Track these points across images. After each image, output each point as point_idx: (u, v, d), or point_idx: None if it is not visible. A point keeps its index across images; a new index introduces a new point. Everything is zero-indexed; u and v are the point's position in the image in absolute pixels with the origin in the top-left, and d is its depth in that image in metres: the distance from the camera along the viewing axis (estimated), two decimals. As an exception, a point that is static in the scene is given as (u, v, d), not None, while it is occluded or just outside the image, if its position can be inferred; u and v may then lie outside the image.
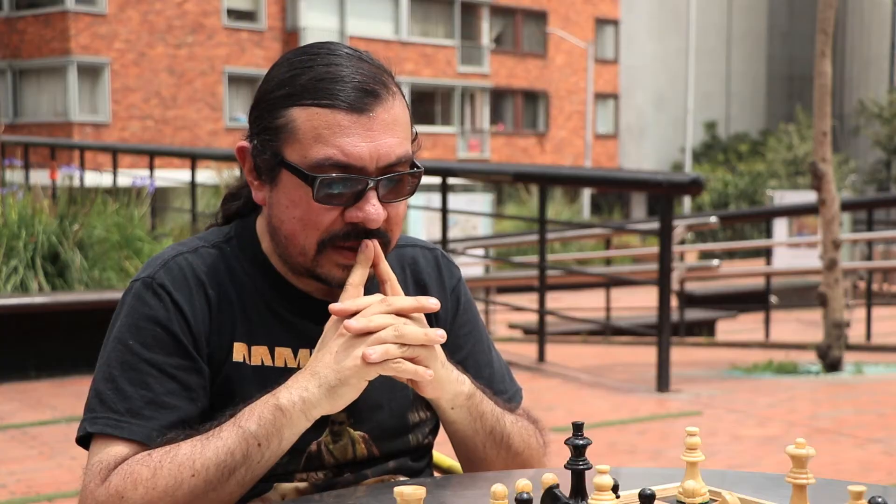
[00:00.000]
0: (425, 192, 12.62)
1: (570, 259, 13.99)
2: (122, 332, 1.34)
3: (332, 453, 1.39)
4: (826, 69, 6.63)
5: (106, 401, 1.31)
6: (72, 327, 6.22)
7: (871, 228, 10.60)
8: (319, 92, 1.30)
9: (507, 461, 1.45)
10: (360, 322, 1.26)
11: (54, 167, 10.05)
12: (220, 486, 1.24)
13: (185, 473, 1.23)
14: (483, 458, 1.45)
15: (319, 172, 1.29)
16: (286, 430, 1.25)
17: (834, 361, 6.66)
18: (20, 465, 4.25)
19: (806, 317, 11.90)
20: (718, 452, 4.43)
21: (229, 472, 1.24)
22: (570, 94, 37.22)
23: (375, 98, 1.31)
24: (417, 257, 1.53)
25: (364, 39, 30.04)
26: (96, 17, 26.43)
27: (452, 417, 1.40)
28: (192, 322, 1.34)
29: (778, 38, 45.54)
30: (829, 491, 1.20)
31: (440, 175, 7.89)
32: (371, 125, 1.30)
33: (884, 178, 37.22)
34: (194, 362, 1.34)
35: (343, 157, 1.29)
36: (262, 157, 1.34)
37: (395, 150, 1.32)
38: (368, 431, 1.41)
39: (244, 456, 1.24)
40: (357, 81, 1.31)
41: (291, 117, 1.31)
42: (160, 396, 1.31)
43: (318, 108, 1.30)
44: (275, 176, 1.34)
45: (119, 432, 1.29)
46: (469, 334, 1.53)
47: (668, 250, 5.97)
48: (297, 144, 1.30)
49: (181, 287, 1.36)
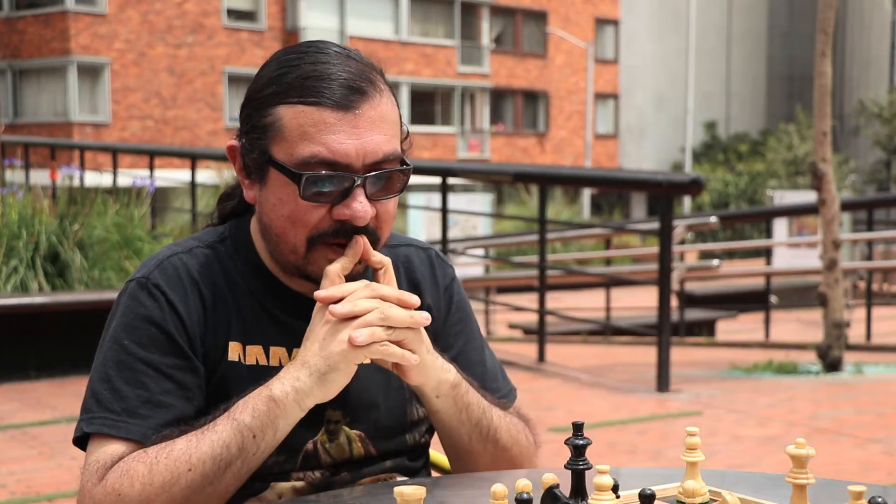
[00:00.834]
0: (425, 192, 12.62)
1: (570, 259, 13.99)
2: (118, 332, 1.35)
3: (329, 452, 1.39)
4: (826, 69, 6.63)
5: (102, 401, 1.31)
6: (72, 327, 6.22)
7: (871, 228, 10.60)
8: (306, 90, 1.30)
9: (495, 456, 1.45)
10: (345, 307, 1.26)
11: (54, 167, 10.05)
12: (217, 479, 1.25)
13: (181, 468, 1.24)
14: (469, 451, 1.44)
15: (306, 170, 1.29)
16: (280, 421, 1.26)
17: (834, 361, 6.66)
18: (20, 465, 4.25)
19: (806, 317, 11.89)
20: (718, 452, 4.43)
21: (225, 465, 1.24)
22: (570, 94, 37.22)
23: (362, 95, 1.31)
24: (411, 256, 1.53)
25: (364, 39, 30.04)
26: (96, 17, 26.43)
27: (437, 406, 1.39)
28: (188, 321, 1.35)
29: (778, 38, 45.54)
30: (829, 491, 1.20)
31: (440, 175, 7.89)
32: (357, 122, 1.30)
33: (884, 178, 37.23)
34: (189, 361, 1.34)
35: (329, 155, 1.29)
36: (251, 155, 1.35)
37: (382, 148, 1.32)
38: (365, 430, 1.41)
39: (240, 448, 1.25)
40: (343, 79, 1.31)
41: (278, 115, 1.31)
42: (156, 395, 1.31)
43: (304, 106, 1.30)
44: (263, 174, 1.34)
45: (116, 432, 1.29)
46: (460, 333, 1.53)
47: (668, 250, 5.97)
48: (284, 142, 1.31)
49: (176, 287, 1.36)
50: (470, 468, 1.47)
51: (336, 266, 1.31)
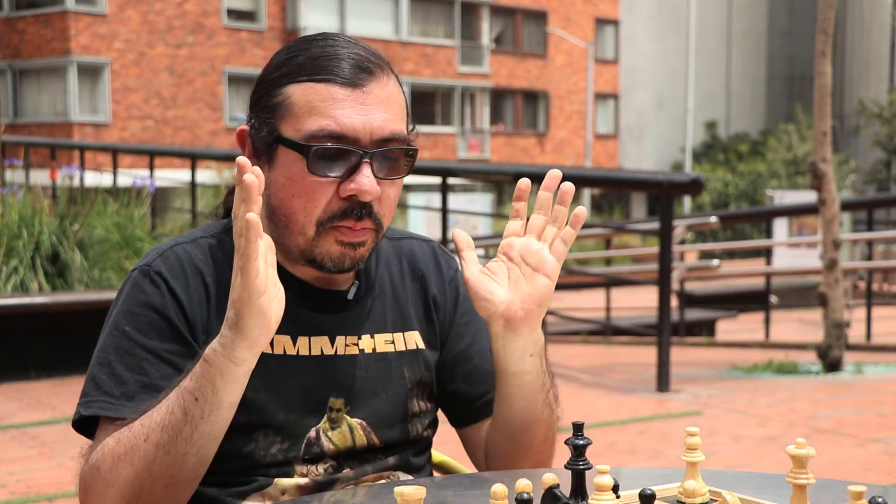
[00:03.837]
0: (425, 191, 12.63)
1: (571, 259, 13.98)
2: (119, 318, 1.35)
3: (332, 440, 1.39)
4: (826, 69, 6.63)
5: (101, 385, 1.32)
6: (72, 327, 6.22)
7: (871, 228, 10.59)
8: (315, 69, 1.33)
9: (550, 423, 1.45)
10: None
11: (54, 167, 10.05)
12: (170, 447, 1.23)
13: (139, 439, 1.25)
14: (537, 419, 1.43)
15: (314, 143, 1.31)
16: (217, 380, 1.21)
17: (834, 361, 6.66)
18: (20, 465, 4.25)
19: (806, 317, 11.90)
20: (718, 452, 4.43)
21: (174, 431, 1.23)
22: (570, 94, 37.21)
23: (370, 74, 1.34)
24: (414, 249, 1.55)
25: (364, 39, 29.67)
26: (96, 17, 26.42)
27: (527, 367, 1.38)
28: (188, 309, 1.35)
29: (778, 38, 45.53)
30: (829, 491, 1.20)
31: (440, 175, 7.89)
32: (365, 99, 1.32)
33: (884, 178, 37.22)
34: (190, 347, 1.34)
35: (337, 128, 1.31)
36: (260, 135, 1.36)
37: (389, 126, 1.33)
38: (365, 418, 1.41)
39: (184, 412, 1.23)
40: (353, 59, 1.34)
41: (287, 94, 1.34)
42: (155, 381, 1.32)
43: (313, 83, 1.33)
44: (272, 154, 1.35)
45: (114, 414, 1.30)
46: (470, 322, 1.54)
47: (668, 250, 5.97)
48: (293, 118, 1.33)
49: (178, 275, 1.36)
50: (527, 439, 1.44)
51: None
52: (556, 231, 1.38)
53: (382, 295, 1.49)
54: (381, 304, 1.48)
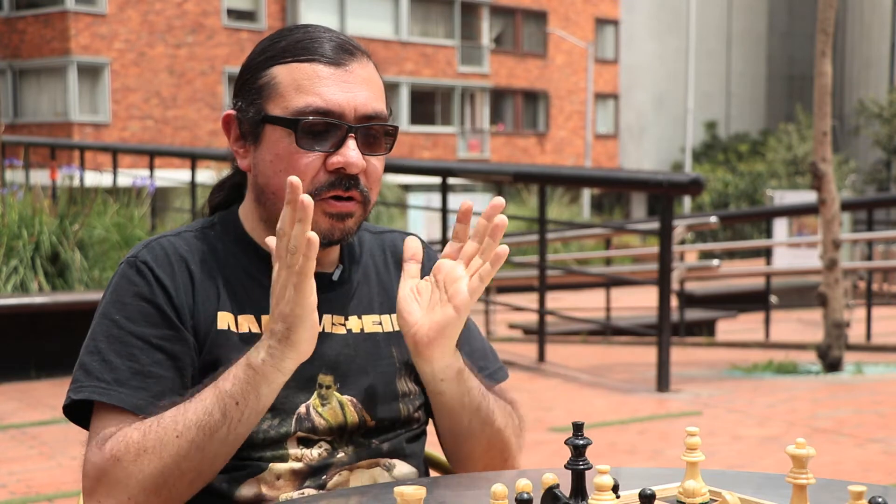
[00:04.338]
0: (425, 191, 12.61)
1: (570, 259, 14.00)
2: (108, 308, 1.39)
3: (323, 416, 1.41)
4: (826, 69, 6.63)
5: (92, 371, 1.35)
6: (72, 327, 6.20)
7: (871, 228, 10.60)
8: (299, 50, 1.40)
9: (491, 437, 1.48)
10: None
11: (54, 167, 10.04)
12: (204, 445, 1.28)
13: (170, 435, 1.28)
14: (468, 434, 1.47)
15: (301, 118, 1.36)
16: (262, 387, 1.29)
17: (834, 361, 6.66)
18: (20, 465, 4.25)
19: (806, 317, 11.90)
20: (718, 452, 4.43)
21: (211, 431, 1.28)
22: (570, 94, 37.21)
23: (351, 55, 1.41)
24: (397, 241, 1.59)
25: (364, 39, 29.47)
26: (96, 17, 26.41)
27: (441, 388, 1.42)
28: (175, 295, 1.39)
29: (778, 38, 45.53)
30: (829, 491, 1.21)
31: (440, 175, 7.89)
32: (348, 77, 1.39)
33: (884, 178, 37.22)
34: (179, 332, 1.37)
35: (323, 104, 1.37)
36: (246, 116, 1.42)
37: (371, 104, 1.40)
38: (355, 395, 1.44)
39: (223, 415, 1.28)
40: (334, 42, 1.41)
41: (273, 74, 1.40)
42: (146, 367, 1.35)
43: (298, 63, 1.39)
44: (258, 133, 1.41)
45: (107, 399, 1.33)
46: None
47: (668, 250, 5.97)
48: (279, 97, 1.39)
49: (163, 265, 1.40)
50: (465, 450, 1.49)
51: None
52: (479, 264, 1.37)
53: (367, 280, 1.53)
54: (367, 287, 1.52)
